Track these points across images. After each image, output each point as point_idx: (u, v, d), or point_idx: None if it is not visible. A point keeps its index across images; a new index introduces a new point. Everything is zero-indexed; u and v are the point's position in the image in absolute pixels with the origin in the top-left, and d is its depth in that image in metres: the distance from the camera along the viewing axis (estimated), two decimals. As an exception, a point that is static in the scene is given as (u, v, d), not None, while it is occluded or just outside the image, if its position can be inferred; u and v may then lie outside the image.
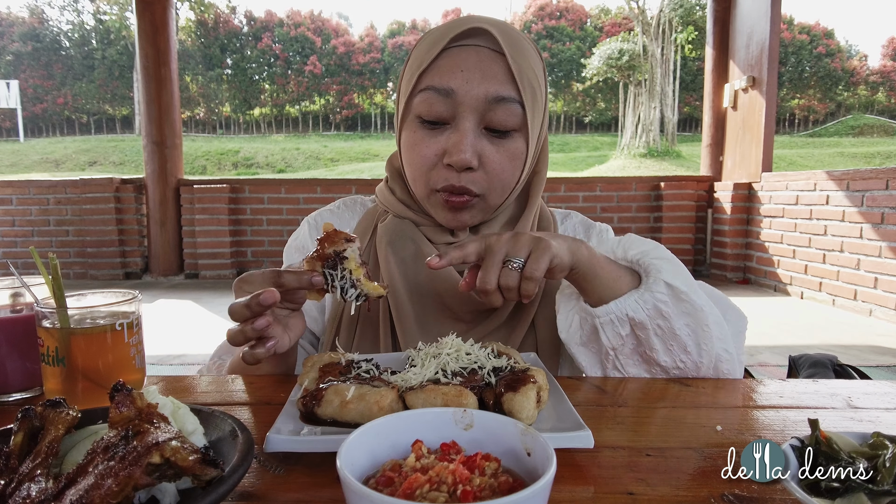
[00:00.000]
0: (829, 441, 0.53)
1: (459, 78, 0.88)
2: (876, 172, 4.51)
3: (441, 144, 0.91)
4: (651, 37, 18.33)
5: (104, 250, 6.31)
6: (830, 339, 4.06)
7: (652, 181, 6.48)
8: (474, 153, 0.89)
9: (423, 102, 0.90)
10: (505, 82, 0.88)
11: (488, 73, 0.88)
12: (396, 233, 1.00)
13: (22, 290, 0.78)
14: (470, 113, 0.88)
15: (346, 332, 0.99)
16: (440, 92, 0.89)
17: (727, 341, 0.85)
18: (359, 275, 0.73)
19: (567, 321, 0.89)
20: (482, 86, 0.87)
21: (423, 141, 0.92)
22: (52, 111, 30.35)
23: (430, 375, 0.66)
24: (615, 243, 0.92)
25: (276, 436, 0.58)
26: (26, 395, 0.78)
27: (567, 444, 0.58)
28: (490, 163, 0.91)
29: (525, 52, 0.91)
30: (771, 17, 5.64)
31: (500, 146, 0.91)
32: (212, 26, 30.80)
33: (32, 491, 0.43)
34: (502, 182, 0.93)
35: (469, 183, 0.90)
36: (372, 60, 31.05)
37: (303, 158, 23.38)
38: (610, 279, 0.83)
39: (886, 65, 31.88)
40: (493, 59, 0.88)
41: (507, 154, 0.92)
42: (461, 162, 0.88)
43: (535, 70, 0.92)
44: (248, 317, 0.70)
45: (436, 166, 0.92)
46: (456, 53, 0.89)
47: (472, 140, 0.89)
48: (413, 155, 0.94)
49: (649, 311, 0.81)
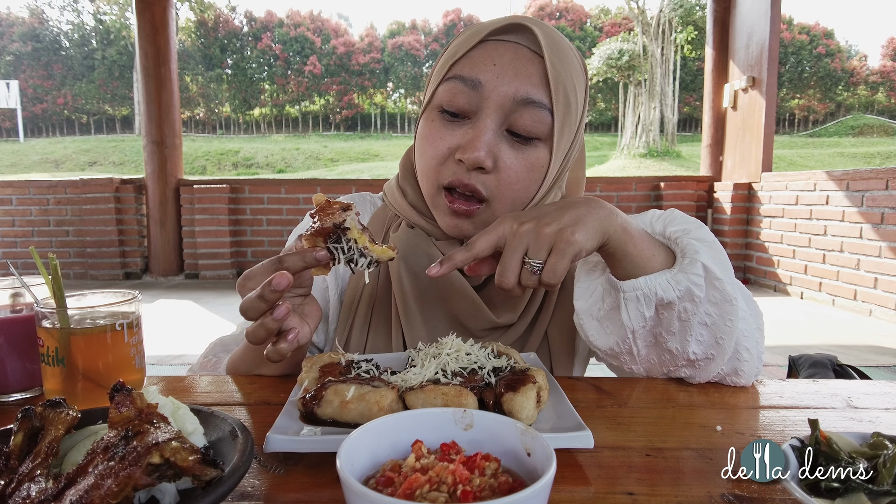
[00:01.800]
0: (829, 441, 0.53)
1: (491, 72, 0.83)
2: (876, 172, 4.51)
3: (457, 139, 0.85)
4: (651, 37, 18.33)
5: (104, 250, 6.31)
6: (830, 339, 4.06)
7: (652, 181, 6.48)
8: (490, 153, 0.83)
9: (447, 91, 0.85)
10: (538, 85, 0.83)
11: (522, 72, 0.83)
12: (410, 246, 0.94)
13: (22, 290, 0.78)
14: (494, 110, 0.83)
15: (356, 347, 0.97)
16: (467, 83, 0.84)
17: (752, 340, 0.78)
18: (364, 242, 0.69)
19: (588, 291, 0.81)
20: (513, 84, 0.82)
21: (438, 132, 0.87)
22: (52, 111, 30.34)
23: (430, 375, 0.66)
24: (655, 216, 0.85)
25: (276, 436, 0.58)
26: (26, 395, 0.78)
27: (567, 444, 0.58)
28: (505, 168, 0.84)
29: (567, 60, 0.86)
30: (771, 17, 5.64)
31: (519, 152, 0.85)
32: (212, 26, 30.79)
33: (32, 491, 0.43)
34: (515, 191, 0.86)
35: (478, 183, 0.84)
36: (372, 61, 31.04)
37: (303, 158, 23.38)
38: (643, 256, 0.75)
39: (886, 65, 31.88)
40: (529, 60, 0.83)
41: (526, 162, 0.85)
42: (474, 160, 0.82)
43: (575, 82, 0.86)
44: (264, 309, 0.66)
45: (447, 161, 0.86)
46: (493, 47, 0.84)
47: (491, 139, 0.83)
48: (426, 146, 0.88)
49: (681, 292, 0.73)
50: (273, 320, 0.66)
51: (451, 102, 0.85)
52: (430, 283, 0.92)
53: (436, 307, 0.93)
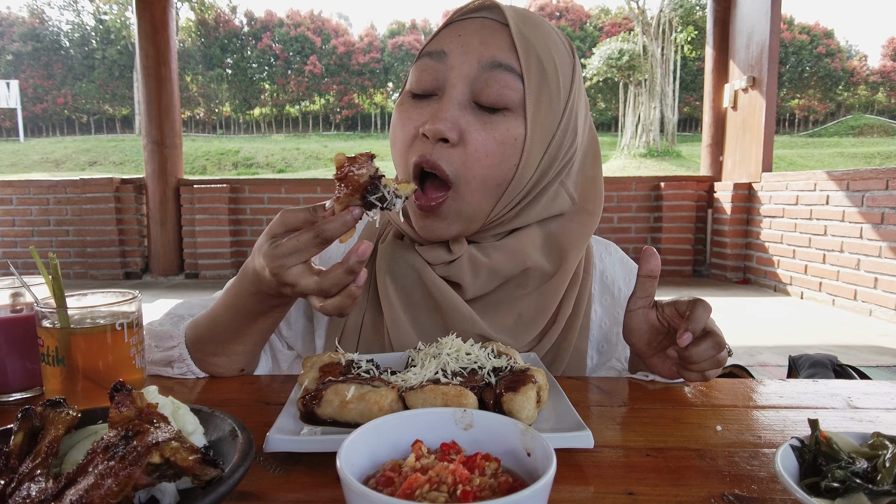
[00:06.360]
0: (829, 441, 0.53)
1: (455, 42, 0.80)
2: (876, 172, 4.51)
3: (424, 116, 0.80)
4: (651, 37, 18.32)
5: (104, 250, 6.31)
6: (830, 339, 4.06)
7: (652, 181, 6.48)
8: (454, 125, 0.77)
9: (415, 72, 0.82)
10: (505, 49, 0.78)
11: (488, 38, 0.79)
12: (395, 259, 0.90)
13: (22, 290, 0.78)
14: (460, 80, 0.78)
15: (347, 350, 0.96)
16: (433, 56, 0.81)
17: None
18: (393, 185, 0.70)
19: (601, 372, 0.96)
20: (478, 50, 0.78)
21: (406, 113, 0.82)
22: (52, 111, 30.33)
23: (430, 375, 0.66)
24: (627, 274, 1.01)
25: (276, 436, 0.58)
26: (26, 395, 0.78)
27: (567, 444, 0.58)
28: (472, 141, 0.77)
29: (542, 31, 0.82)
30: (771, 17, 5.64)
31: (488, 123, 0.78)
32: (212, 26, 30.78)
33: (32, 491, 0.43)
34: (484, 168, 0.78)
35: (441, 159, 0.77)
36: (372, 60, 31.03)
37: (303, 158, 23.37)
38: None
39: (886, 65, 31.86)
40: (496, 29, 0.80)
41: (495, 134, 0.78)
42: (434, 131, 0.76)
43: (553, 53, 0.81)
44: (350, 282, 0.68)
45: (415, 141, 0.81)
46: (460, 24, 0.82)
47: (455, 110, 0.77)
48: (395, 132, 0.84)
49: None
50: (357, 287, 0.68)
51: (418, 82, 0.82)
52: (419, 296, 0.89)
53: (426, 322, 0.89)
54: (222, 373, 0.87)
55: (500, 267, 0.86)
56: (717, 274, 6.23)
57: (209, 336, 0.84)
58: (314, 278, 0.68)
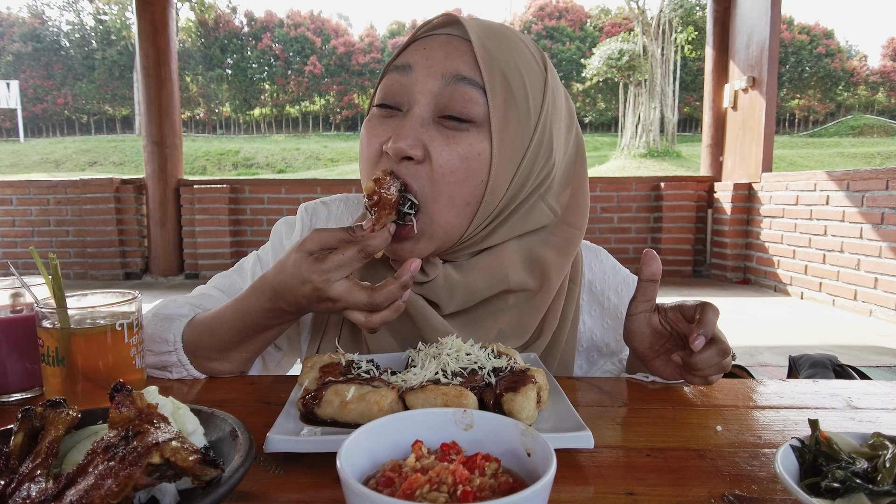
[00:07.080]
0: (829, 441, 0.53)
1: (420, 55, 0.80)
2: (876, 172, 4.51)
3: (389, 132, 0.79)
4: (651, 37, 18.32)
5: (104, 250, 6.31)
6: (830, 339, 4.06)
7: (652, 181, 6.48)
8: (417, 141, 0.76)
9: (382, 88, 0.82)
10: (469, 64, 0.78)
11: (452, 53, 0.79)
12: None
13: (22, 290, 0.78)
14: (424, 95, 0.78)
15: None
16: (399, 69, 0.80)
17: None
18: None
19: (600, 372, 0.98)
20: (442, 63, 0.78)
21: (372, 129, 0.81)
22: (52, 111, 30.33)
23: (430, 376, 0.66)
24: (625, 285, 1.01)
25: (276, 436, 0.58)
26: (26, 396, 0.78)
27: (567, 445, 0.58)
28: (437, 157, 0.76)
29: (508, 46, 0.81)
30: (771, 17, 5.64)
31: (452, 139, 0.77)
32: (212, 26, 30.77)
33: (32, 491, 0.43)
34: (450, 186, 0.77)
35: (408, 176, 0.76)
36: (372, 61, 31.02)
37: (303, 159, 23.37)
38: None
39: (886, 65, 31.86)
40: (460, 44, 0.80)
41: (460, 151, 0.77)
42: (396, 150, 0.75)
43: (521, 67, 0.80)
44: (400, 295, 0.72)
45: (381, 158, 0.80)
46: (425, 39, 0.82)
47: (419, 127, 0.77)
48: (362, 148, 0.83)
49: None
50: (403, 302, 0.73)
51: (384, 96, 0.81)
52: None
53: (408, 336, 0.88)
54: (220, 375, 0.88)
55: (476, 287, 0.85)
56: (717, 274, 6.23)
57: (210, 343, 0.84)
58: (364, 293, 0.71)
